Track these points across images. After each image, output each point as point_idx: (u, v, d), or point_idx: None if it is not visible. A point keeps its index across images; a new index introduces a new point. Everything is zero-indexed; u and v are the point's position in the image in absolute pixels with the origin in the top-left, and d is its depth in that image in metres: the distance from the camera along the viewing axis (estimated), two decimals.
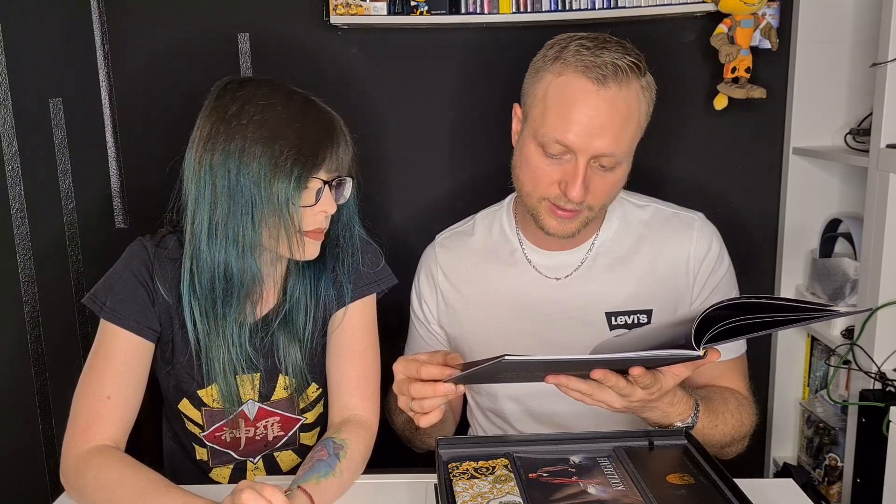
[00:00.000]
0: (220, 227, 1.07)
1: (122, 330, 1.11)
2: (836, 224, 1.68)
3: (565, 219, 1.16)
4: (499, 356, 0.85)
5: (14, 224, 1.70)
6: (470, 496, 0.90)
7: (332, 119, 1.13)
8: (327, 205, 1.10)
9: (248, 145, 1.05)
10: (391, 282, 1.25)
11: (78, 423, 1.08)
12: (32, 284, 1.72)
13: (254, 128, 1.05)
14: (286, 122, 1.07)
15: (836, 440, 1.63)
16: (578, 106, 1.09)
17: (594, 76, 1.09)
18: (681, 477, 0.94)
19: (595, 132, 1.09)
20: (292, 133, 1.06)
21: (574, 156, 1.11)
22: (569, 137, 1.10)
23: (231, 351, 1.14)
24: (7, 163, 1.67)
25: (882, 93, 1.34)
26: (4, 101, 1.66)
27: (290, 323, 1.18)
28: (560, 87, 1.11)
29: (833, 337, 1.56)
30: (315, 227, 1.11)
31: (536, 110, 1.14)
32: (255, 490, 0.89)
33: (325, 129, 1.10)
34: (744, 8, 1.54)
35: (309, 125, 1.08)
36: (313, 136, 1.08)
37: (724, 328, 0.86)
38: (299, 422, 1.25)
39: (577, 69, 1.10)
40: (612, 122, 1.10)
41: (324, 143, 1.08)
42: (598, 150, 1.10)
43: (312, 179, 1.08)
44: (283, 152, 1.05)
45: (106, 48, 1.67)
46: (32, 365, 1.74)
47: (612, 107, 1.09)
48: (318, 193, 1.09)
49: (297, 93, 1.12)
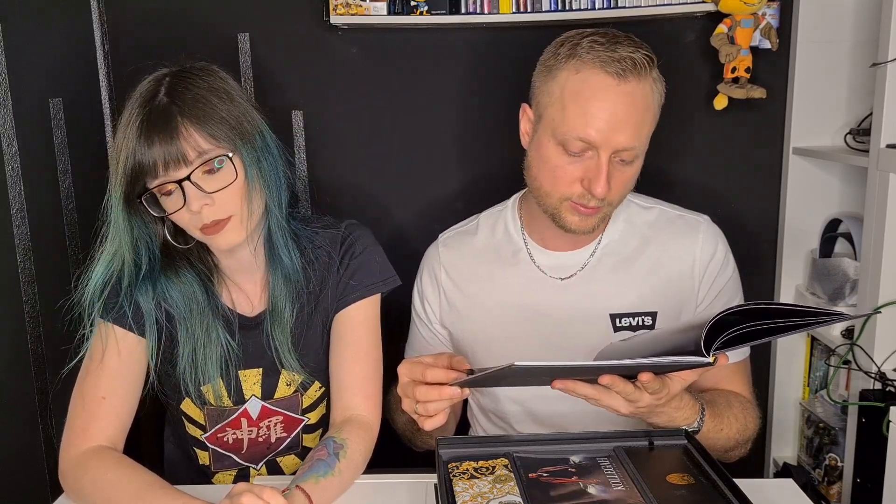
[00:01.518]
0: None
1: (118, 329, 1.12)
2: (836, 224, 1.68)
3: (588, 215, 1.16)
4: (508, 364, 0.85)
5: (14, 224, 1.70)
6: (470, 496, 0.90)
7: (162, 107, 1.03)
8: (194, 202, 1.04)
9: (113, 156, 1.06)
10: (395, 283, 1.25)
11: (75, 424, 1.08)
12: (32, 284, 1.72)
13: (118, 135, 1.05)
14: (123, 131, 1.04)
15: (836, 440, 1.63)
16: (599, 101, 1.09)
17: (613, 70, 1.09)
18: (681, 477, 0.93)
19: (616, 126, 1.09)
20: (124, 152, 1.03)
21: (596, 152, 1.11)
22: (591, 133, 1.10)
23: (203, 361, 1.15)
24: (7, 163, 1.67)
25: (882, 93, 1.33)
26: (4, 101, 1.65)
27: (278, 319, 1.18)
28: (578, 84, 1.11)
29: (833, 337, 1.56)
30: (197, 225, 1.07)
31: (553, 109, 1.13)
32: (254, 493, 0.89)
33: (155, 127, 1.02)
34: (744, 8, 1.54)
35: (143, 130, 1.02)
36: (140, 143, 1.02)
37: (733, 335, 0.86)
38: (302, 422, 1.25)
39: (594, 65, 1.10)
40: (631, 116, 1.10)
41: (152, 143, 1.01)
42: (619, 144, 1.10)
43: (155, 189, 1.04)
44: (115, 174, 1.05)
45: (106, 48, 1.67)
46: (32, 365, 1.74)
47: (631, 100, 1.10)
48: (184, 194, 1.04)
49: (159, 77, 1.07)
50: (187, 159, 1.03)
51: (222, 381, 1.17)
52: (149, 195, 1.05)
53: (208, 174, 1.05)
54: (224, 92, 1.08)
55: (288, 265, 1.16)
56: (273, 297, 1.17)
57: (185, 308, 1.14)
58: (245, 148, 1.07)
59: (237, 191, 1.06)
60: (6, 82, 1.64)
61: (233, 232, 1.08)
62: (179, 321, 1.15)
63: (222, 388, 1.18)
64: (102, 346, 1.12)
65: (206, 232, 1.07)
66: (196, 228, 1.07)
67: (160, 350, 1.16)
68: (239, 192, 1.07)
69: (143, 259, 1.11)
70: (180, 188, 1.03)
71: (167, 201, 1.06)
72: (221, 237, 1.08)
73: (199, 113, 1.04)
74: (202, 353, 1.15)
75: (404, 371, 1.03)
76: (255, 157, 1.09)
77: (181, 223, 1.08)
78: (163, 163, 1.02)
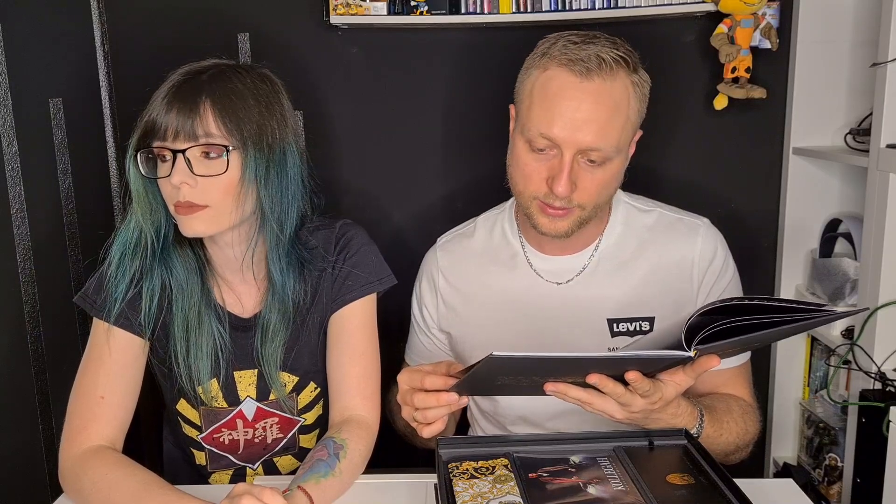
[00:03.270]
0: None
1: (114, 327, 1.12)
2: (836, 224, 1.68)
3: (556, 217, 1.15)
4: (487, 355, 0.85)
5: (14, 224, 1.70)
6: (470, 496, 0.90)
7: (203, 84, 1.07)
8: (175, 175, 1.04)
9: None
10: (391, 282, 1.24)
11: (73, 424, 1.08)
12: (32, 284, 1.72)
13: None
14: (157, 95, 1.07)
15: (836, 440, 1.63)
16: (562, 99, 1.09)
17: (577, 69, 1.09)
18: (681, 477, 0.93)
19: (579, 125, 1.09)
20: (151, 107, 1.07)
21: (559, 150, 1.11)
22: (553, 131, 1.10)
23: (196, 363, 1.15)
24: (7, 163, 1.67)
25: (882, 93, 1.34)
26: (4, 101, 1.65)
27: (278, 318, 1.17)
28: (544, 82, 1.12)
29: (833, 337, 1.56)
30: (174, 200, 1.07)
31: (524, 106, 1.15)
32: (254, 495, 0.89)
33: (183, 92, 1.06)
34: (744, 8, 1.54)
35: (171, 94, 1.06)
36: (162, 104, 1.05)
37: (716, 329, 0.86)
38: (298, 423, 1.25)
39: (560, 62, 1.10)
40: (596, 115, 1.09)
41: (169, 105, 1.05)
42: (583, 143, 1.09)
43: (155, 149, 1.07)
44: (136, 125, 1.07)
45: (106, 48, 1.67)
46: (32, 365, 1.74)
47: (596, 99, 1.09)
48: (174, 164, 1.05)
49: (213, 64, 1.11)
50: (194, 135, 1.04)
51: (217, 381, 1.17)
52: (148, 154, 1.08)
53: (204, 157, 1.06)
54: (264, 98, 1.10)
55: (278, 285, 1.15)
56: (264, 312, 1.18)
57: (179, 291, 1.15)
58: (254, 152, 1.07)
59: (224, 185, 1.06)
60: (6, 82, 1.65)
61: (202, 222, 1.08)
62: (175, 304, 1.15)
63: (217, 388, 1.18)
64: (100, 345, 1.12)
65: (178, 211, 1.08)
66: (171, 203, 1.08)
67: (159, 351, 1.16)
68: (225, 188, 1.07)
69: (160, 230, 1.13)
70: (174, 159, 1.05)
71: (161, 167, 1.08)
72: (188, 221, 1.08)
73: (226, 102, 1.06)
74: (195, 342, 1.14)
75: (404, 379, 1.04)
76: (263, 165, 1.09)
77: (163, 192, 1.09)
78: (173, 130, 1.04)
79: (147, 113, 1.07)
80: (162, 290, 1.15)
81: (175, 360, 1.15)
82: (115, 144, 1.70)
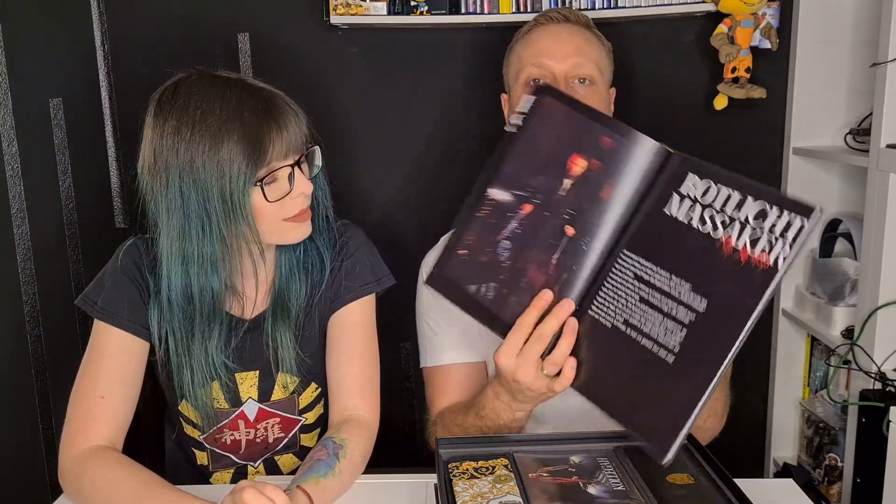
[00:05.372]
0: (177, 247, 1.05)
1: (115, 329, 1.11)
2: (836, 224, 1.68)
3: None
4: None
5: (14, 224, 1.70)
6: (470, 496, 0.90)
7: (273, 98, 1.07)
8: (303, 186, 1.08)
9: (194, 158, 1.01)
10: (389, 282, 1.24)
11: (73, 424, 1.08)
12: (32, 284, 1.72)
13: (197, 139, 1.01)
14: (226, 124, 1.02)
15: (836, 440, 1.63)
16: (542, 40, 1.27)
17: (551, 17, 1.31)
18: (681, 477, 0.94)
19: (562, 49, 1.24)
20: (235, 134, 1.01)
21: (553, 79, 1.23)
22: (541, 58, 1.24)
23: (199, 368, 1.14)
24: (7, 163, 1.67)
25: (882, 93, 1.33)
26: (4, 101, 1.66)
27: (284, 318, 1.17)
28: (526, 42, 1.30)
29: (833, 337, 1.56)
30: (298, 210, 1.09)
31: (512, 71, 1.30)
32: (257, 489, 0.89)
33: (268, 114, 1.04)
34: (744, 8, 1.54)
35: (250, 118, 1.03)
36: (257, 128, 1.03)
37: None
38: (299, 423, 1.25)
39: (537, 24, 1.31)
40: (574, 40, 1.26)
41: (269, 129, 1.03)
42: (570, 60, 1.23)
43: (274, 171, 1.05)
44: (230, 156, 1.01)
45: (106, 48, 1.67)
46: (32, 365, 1.74)
47: (570, 32, 1.28)
48: (290, 179, 1.07)
49: (232, 81, 1.07)
50: (302, 143, 1.08)
51: (218, 382, 1.17)
52: (267, 180, 1.05)
53: (307, 161, 1.12)
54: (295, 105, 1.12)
55: (282, 286, 1.17)
56: (279, 289, 1.17)
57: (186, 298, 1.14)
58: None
59: (310, 189, 1.11)
60: (6, 82, 1.65)
61: (309, 223, 1.13)
62: (181, 310, 1.13)
63: (218, 389, 1.18)
64: (101, 345, 1.11)
65: (297, 219, 1.09)
66: (291, 214, 1.08)
67: (157, 349, 1.16)
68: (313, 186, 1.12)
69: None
70: (298, 169, 1.07)
71: (276, 187, 1.06)
72: (304, 227, 1.11)
73: (293, 105, 1.09)
74: (196, 344, 1.13)
75: (510, 345, 0.95)
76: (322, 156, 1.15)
77: (280, 209, 1.07)
78: (284, 147, 1.05)
79: (234, 142, 1.01)
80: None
81: (176, 361, 1.15)
82: (114, 144, 1.70)
